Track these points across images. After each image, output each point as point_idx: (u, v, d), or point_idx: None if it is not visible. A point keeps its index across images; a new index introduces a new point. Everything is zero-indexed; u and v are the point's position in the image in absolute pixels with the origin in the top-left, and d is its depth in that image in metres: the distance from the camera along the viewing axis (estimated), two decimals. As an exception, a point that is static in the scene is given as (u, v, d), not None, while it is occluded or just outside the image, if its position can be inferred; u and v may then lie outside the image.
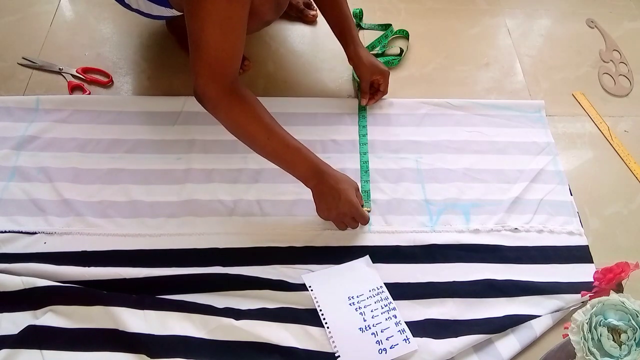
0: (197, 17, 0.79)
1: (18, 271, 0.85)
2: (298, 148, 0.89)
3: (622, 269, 0.66)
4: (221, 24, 0.79)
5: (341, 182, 0.91)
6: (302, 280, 0.89)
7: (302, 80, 1.20)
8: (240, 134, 0.88)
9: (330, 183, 0.90)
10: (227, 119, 0.87)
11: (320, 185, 0.90)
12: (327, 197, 0.91)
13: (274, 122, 0.88)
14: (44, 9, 1.31)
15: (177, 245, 0.93)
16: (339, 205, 0.91)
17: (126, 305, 0.82)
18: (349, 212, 0.92)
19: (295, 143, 0.89)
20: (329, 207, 0.92)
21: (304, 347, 0.82)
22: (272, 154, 0.89)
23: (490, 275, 0.91)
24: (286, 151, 0.88)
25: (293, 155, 0.89)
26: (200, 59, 0.81)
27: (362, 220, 0.95)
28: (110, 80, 1.17)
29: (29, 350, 0.79)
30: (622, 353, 0.60)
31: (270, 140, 0.87)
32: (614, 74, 1.28)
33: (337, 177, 0.92)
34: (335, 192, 0.90)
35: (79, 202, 0.97)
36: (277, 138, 0.87)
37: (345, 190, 0.91)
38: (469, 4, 1.42)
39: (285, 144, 0.88)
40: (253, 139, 0.88)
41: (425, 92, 1.20)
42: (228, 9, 0.78)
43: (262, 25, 1.06)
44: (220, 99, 0.84)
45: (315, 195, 0.92)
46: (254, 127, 0.87)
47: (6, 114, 1.08)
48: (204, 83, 0.83)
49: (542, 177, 1.06)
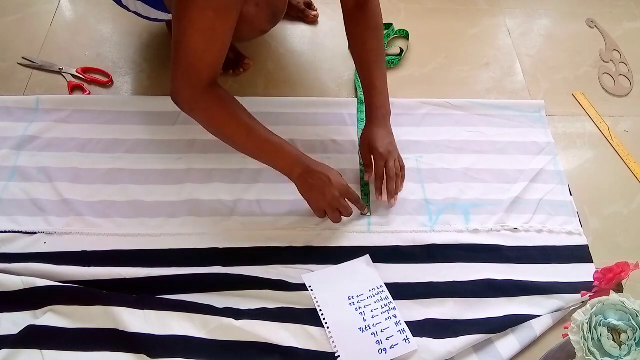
0: (182, 22, 0.80)
1: (18, 271, 0.85)
2: (279, 143, 0.89)
3: (622, 269, 0.66)
4: (204, 32, 0.80)
5: (325, 168, 0.91)
6: (302, 280, 0.89)
7: (302, 80, 1.20)
8: (219, 133, 0.89)
9: (315, 169, 0.90)
10: (204, 119, 0.88)
11: (306, 175, 0.90)
12: (315, 184, 0.90)
13: (252, 120, 0.88)
14: (44, 9, 1.31)
15: (177, 245, 0.93)
16: (329, 189, 0.90)
17: (126, 305, 0.82)
18: (340, 193, 0.91)
19: (276, 138, 0.89)
20: (321, 193, 0.91)
21: (304, 347, 0.82)
22: (253, 150, 0.89)
23: (490, 275, 0.91)
24: (267, 146, 0.88)
25: (275, 150, 0.89)
26: (178, 63, 0.82)
27: (356, 203, 0.94)
28: (110, 80, 1.17)
29: (29, 350, 0.79)
30: (622, 353, 0.60)
31: (250, 137, 0.87)
32: (614, 74, 1.28)
33: (321, 165, 0.91)
34: (323, 177, 0.90)
35: (79, 202, 0.97)
36: (256, 135, 0.87)
37: (332, 173, 0.91)
38: (469, 4, 1.42)
39: (266, 140, 0.88)
40: (233, 138, 0.88)
41: (425, 92, 1.20)
42: (213, 19, 0.79)
43: (258, 34, 1.05)
44: (196, 101, 0.86)
45: (303, 188, 0.91)
46: (233, 126, 0.87)
47: (6, 114, 1.08)
48: (179, 86, 0.85)
49: (542, 177, 1.06)
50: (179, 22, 0.80)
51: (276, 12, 1.00)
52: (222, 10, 0.79)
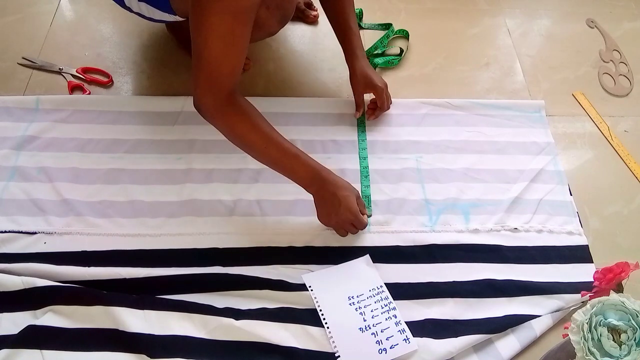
0: (201, 29, 0.80)
1: (18, 271, 0.85)
2: (296, 155, 0.89)
3: (622, 269, 0.66)
4: (224, 38, 0.80)
5: (342, 189, 0.91)
6: (302, 280, 0.89)
7: (302, 80, 1.20)
8: (238, 142, 0.89)
9: (331, 190, 0.90)
10: (225, 128, 0.88)
11: (321, 191, 0.91)
12: (327, 203, 0.91)
13: (272, 130, 0.88)
14: (44, 9, 1.31)
15: (177, 245, 0.93)
16: (339, 212, 0.91)
17: (126, 305, 0.82)
18: (349, 219, 0.92)
19: (294, 150, 0.89)
20: (329, 213, 0.92)
21: (304, 347, 0.82)
22: (271, 161, 0.90)
23: (490, 275, 0.91)
24: (285, 158, 0.89)
25: (292, 162, 0.89)
26: (201, 71, 0.82)
27: (361, 227, 0.95)
28: (110, 80, 1.17)
29: (29, 350, 0.79)
30: (622, 353, 0.60)
31: (268, 148, 0.88)
32: (614, 74, 1.28)
33: (337, 183, 0.91)
34: (336, 199, 0.90)
35: (79, 202, 0.97)
36: (275, 146, 0.88)
37: (346, 198, 0.91)
38: (469, 4, 1.42)
39: (284, 152, 0.88)
40: (252, 147, 0.89)
41: (425, 92, 1.20)
42: (232, 23, 0.79)
43: (267, 35, 1.08)
44: (218, 110, 0.86)
45: (317, 201, 0.92)
46: (252, 136, 0.87)
47: (6, 114, 1.08)
48: (202, 94, 0.85)
49: (542, 177, 1.06)
50: (198, 29, 0.80)
51: (285, 14, 1.02)
52: (240, 13, 0.79)
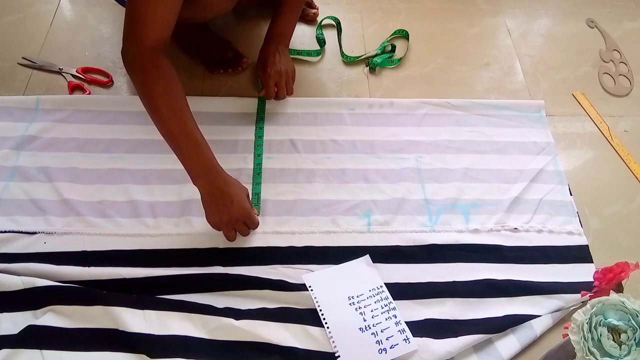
0: None
1: (18, 271, 0.85)
2: (197, 141, 0.85)
3: (622, 269, 0.66)
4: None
5: (232, 187, 0.90)
6: (302, 280, 0.89)
7: (302, 80, 1.20)
8: (145, 103, 0.85)
9: (222, 187, 0.88)
10: (138, 83, 0.85)
11: (210, 187, 0.88)
12: (218, 201, 0.89)
13: (182, 106, 0.85)
14: (44, 9, 1.31)
15: (177, 245, 0.93)
16: (231, 210, 0.89)
17: (126, 305, 0.83)
18: (241, 217, 0.91)
19: (198, 136, 0.85)
20: (220, 211, 0.89)
21: (304, 347, 0.82)
22: (170, 136, 0.85)
23: (490, 275, 0.91)
24: (184, 138, 0.84)
25: (190, 146, 0.85)
26: (126, 20, 0.83)
27: (253, 225, 0.94)
28: (110, 80, 1.17)
29: (29, 350, 0.79)
30: (622, 353, 0.60)
31: (171, 120, 0.84)
32: (614, 73, 1.28)
33: (228, 180, 0.90)
34: (227, 196, 0.88)
35: (79, 202, 0.97)
36: (179, 121, 0.84)
37: (238, 195, 0.90)
38: (469, 4, 1.42)
39: (185, 132, 0.84)
40: (155, 113, 0.84)
41: (425, 92, 1.20)
42: None
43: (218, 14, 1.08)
44: (137, 62, 0.84)
45: (205, 200, 0.89)
46: (160, 101, 0.84)
47: (6, 114, 1.08)
48: (126, 43, 0.84)
49: (541, 177, 1.06)
50: None
51: None
52: None
